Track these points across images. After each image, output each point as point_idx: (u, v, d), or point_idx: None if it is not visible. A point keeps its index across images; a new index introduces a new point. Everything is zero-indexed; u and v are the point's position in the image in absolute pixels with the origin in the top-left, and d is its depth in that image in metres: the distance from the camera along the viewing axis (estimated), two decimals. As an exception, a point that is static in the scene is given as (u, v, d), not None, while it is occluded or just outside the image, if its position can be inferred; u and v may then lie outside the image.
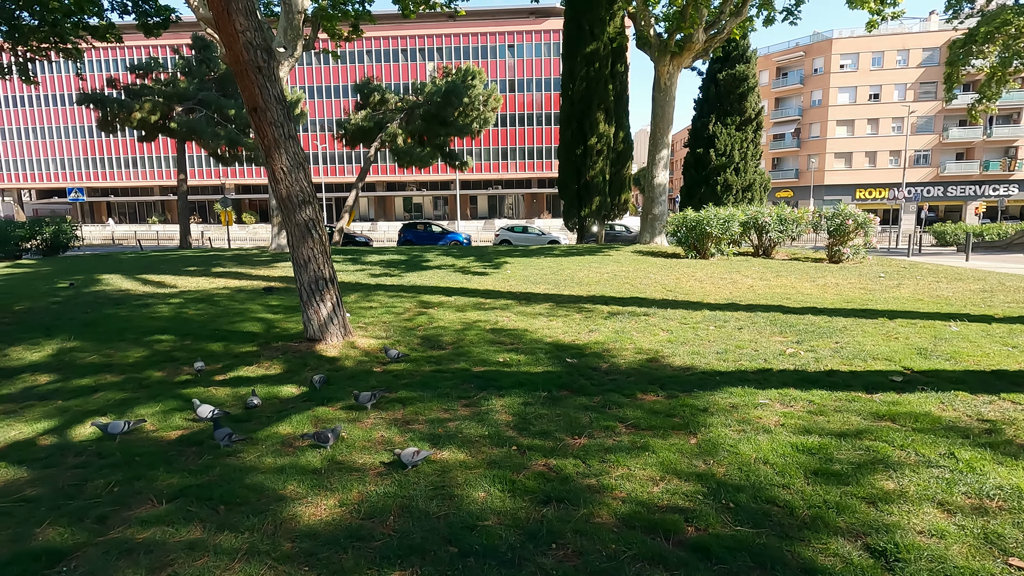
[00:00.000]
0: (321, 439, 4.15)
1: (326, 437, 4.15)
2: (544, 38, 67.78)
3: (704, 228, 15.92)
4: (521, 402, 5.07)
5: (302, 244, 6.87)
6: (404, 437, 4.41)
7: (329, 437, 4.15)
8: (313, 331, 7.13)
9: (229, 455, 4.13)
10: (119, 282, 13.71)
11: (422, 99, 33.05)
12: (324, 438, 4.15)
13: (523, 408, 4.93)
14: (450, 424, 4.62)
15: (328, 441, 4.15)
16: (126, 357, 7.29)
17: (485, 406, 5.00)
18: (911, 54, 59.21)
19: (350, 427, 4.59)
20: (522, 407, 4.95)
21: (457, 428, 4.52)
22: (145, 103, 31.28)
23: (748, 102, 28.05)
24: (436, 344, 7.36)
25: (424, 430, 4.54)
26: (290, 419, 4.79)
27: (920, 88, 59.11)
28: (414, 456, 3.80)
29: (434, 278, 13.27)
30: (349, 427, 4.59)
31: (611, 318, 8.49)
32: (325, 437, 4.15)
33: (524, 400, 5.11)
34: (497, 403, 5.06)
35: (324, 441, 4.15)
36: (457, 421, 4.68)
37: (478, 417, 4.75)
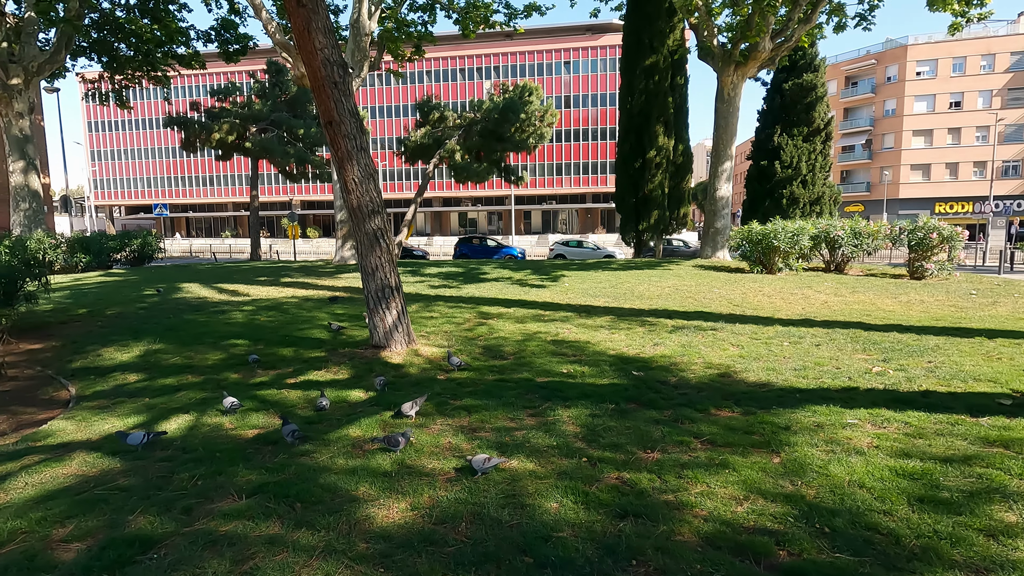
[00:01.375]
0: (391, 443, 4.18)
1: (396, 441, 4.17)
2: (600, 54, 67.89)
3: (771, 242, 15.25)
4: (588, 413, 4.94)
5: (370, 253, 7.04)
6: (471, 444, 4.37)
7: (399, 441, 4.17)
8: (378, 338, 7.27)
9: (302, 455, 4.22)
10: (198, 290, 14.55)
11: (480, 116, 33.66)
12: (394, 442, 4.17)
13: (591, 420, 4.80)
14: (517, 433, 4.55)
15: (398, 445, 4.17)
16: (205, 359, 7.68)
17: (551, 416, 4.90)
18: (997, 58, 55.25)
19: (418, 432, 4.61)
20: (590, 419, 4.82)
21: (524, 437, 4.45)
22: (223, 124, 33.45)
23: (816, 112, 26.88)
24: (498, 354, 7.34)
25: (491, 438, 4.49)
26: (359, 422, 4.86)
27: (1008, 94, 54.94)
28: (485, 463, 3.76)
29: (492, 290, 13.33)
30: (417, 432, 4.60)
31: (676, 332, 8.23)
32: (395, 441, 4.17)
33: (591, 412, 4.98)
34: (563, 414, 4.95)
35: (394, 445, 4.17)
36: (524, 430, 4.61)
37: (545, 427, 4.66)
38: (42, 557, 2.94)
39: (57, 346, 9.16)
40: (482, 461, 3.76)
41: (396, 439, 4.18)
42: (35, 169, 21.14)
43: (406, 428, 4.48)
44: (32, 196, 21.07)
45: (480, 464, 3.75)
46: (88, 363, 7.96)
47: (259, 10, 18.35)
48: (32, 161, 20.92)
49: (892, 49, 58.49)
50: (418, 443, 4.39)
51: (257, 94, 35.99)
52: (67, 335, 9.75)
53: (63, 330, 10.25)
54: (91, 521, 3.31)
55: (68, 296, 13.79)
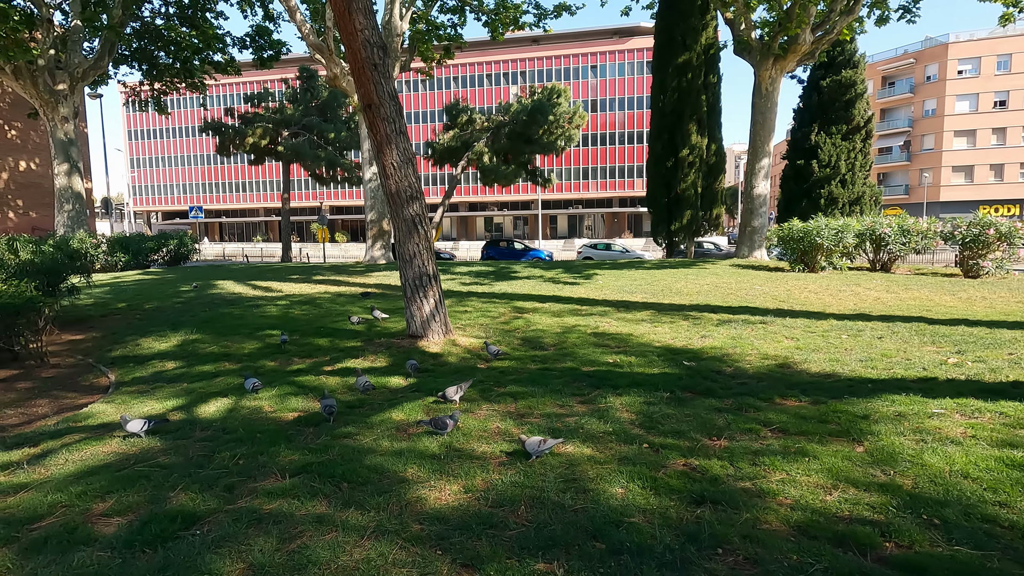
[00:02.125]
0: (439, 426, 3.96)
1: (444, 424, 3.95)
2: (628, 57, 67.40)
3: (813, 239, 14.66)
4: (642, 401, 4.64)
5: (408, 240, 6.88)
6: (521, 429, 4.12)
7: (447, 424, 3.95)
8: (415, 327, 7.09)
9: (345, 436, 4.03)
10: (232, 287, 14.67)
11: (508, 118, 33.63)
12: (442, 425, 3.95)
13: (646, 407, 4.50)
14: (568, 419, 4.28)
15: (446, 428, 3.95)
16: (241, 348, 7.62)
17: (603, 404, 4.62)
18: (1046, 55, 53.07)
19: (464, 417, 4.37)
20: (644, 406, 4.52)
21: (577, 423, 4.18)
22: (256, 129, 34.14)
23: (856, 109, 25.99)
24: (537, 345, 7.08)
25: (541, 423, 4.23)
26: (402, 406, 4.66)
27: (1058, 93, 52.68)
28: (540, 445, 3.50)
29: (524, 287, 13.09)
30: (463, 417, 4.37)
31: (723, 325, 7.84)
32: (443, 424, 3.95)
33: (645, 399, 4.68)
34: (615, 401, 4.67)
35: (442, 428, 3.95)
36: (575, 417, 4.34)
37: (597, 414, 4.38)
38: (82, 530, 2.79)
39: (98, 337, 9.25)
40: (536, 444, 3.51)
41: (444, 421, 3.96)
42: (78, 172, 21.76)
43: (453, 411, 4.24)
44: (75, 198, 21.68)
45: (535, 447, 3.49)
46: (127, 352, 7.99)
47: (293, 12, 18.59)
48: (76, 164, 21.54)
49: (932, 47, 56.58)
50: (465, 427, 4.16)
51: (289, 99, 36.64)
52: (107, 327, 9.85)
53: (103, 322, 10.37)
54: (132, 496, 3.16)
55: (108, 292, 14.04)
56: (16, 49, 18.55)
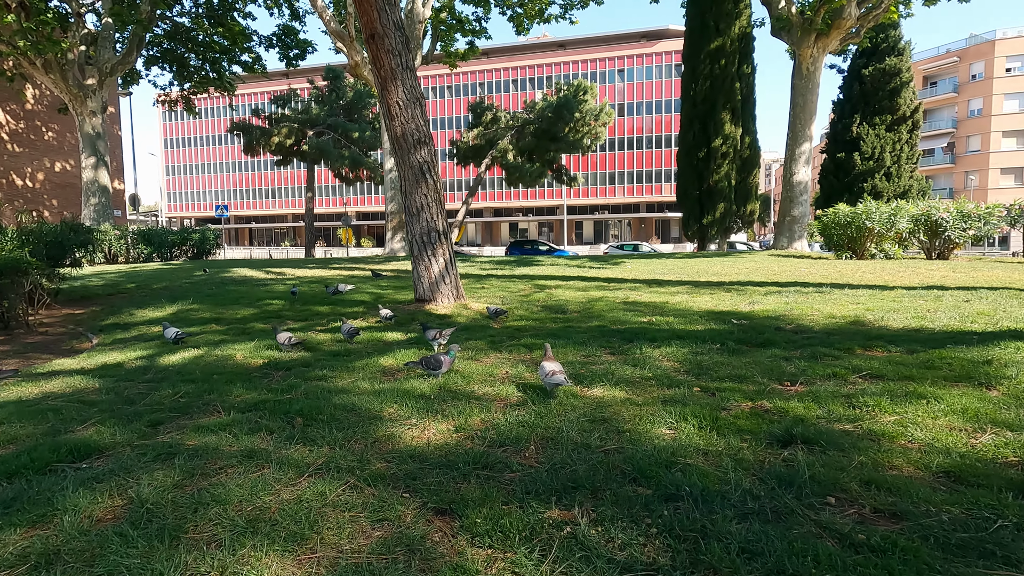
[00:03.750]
0: (430, 365, 3.15)
1: (436, 363, 3.14)
2: (656, 60, 66.35)
3: (862, 223, 13.48)
4: (688, 351, 3.75)
5: (415, 190, 6.13)
6: (535, 375, 3.29)
7: (441, 362, 3.13)
8: (423, 290, 6.32)
9: (319, 379, 3.26)
10: (245, 272, 14.22)
11: (533, 116, 33.01)
12: (434, 364, 3.14)
13: (692, 356, 3.62)
14: (595, 367, 3.43)
15: (438, 368, 3.14)
16: (235, 314, 6.99)
17: (638, 354, 3.75)
18: (1102, 51, 50.25)
19: (467, 364, 3.56)
20: (691, 356, 3.64)
21: (606, 370, 3.32)
22: (282, 129, 34.26)
23: (902, 98, 24.53)
24: (559, 310, 6.24)
25: (565, 370, 3.39)
26: (393, 354, 3.88)
27: (1116, 90, 49.69)
28: (549, 377, 2.66)
29: (547, 271, 12.26)
30: (467, 364, 3.56)
31: (771, 295, 6.86)
32: (435, 363, 3.14)
33: (691, 350, 3.79)
34: (653, 352, 3.79)
35: (433, 368, 3.14)
36: (603, 364, 3.48)
37: (631, 362, 3.52)
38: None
39: (97, 311, 8.77)
40: (548, 374, 2.67)
41: (437, 360, 3.15)
42: (105, 166, 21.85)
43: (449, 348, 3.41)
44: (101, 191, 21.76)
45: (547, 376, 2.66)
46: (120, 320, 7.45)
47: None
48: (102, 158, 21.63)
49: (977, 45, 54.11)
50: (466, 371, 3.34)
51: (315, 100, 36.77)
52: (110, 303, 9.38)
53: (109, 300, 9.90)
54: (27, 428, 2.44)
55: (122, 276, 13.73)
56: (46, 43, 18.73)
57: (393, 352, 3.89)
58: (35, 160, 31.27)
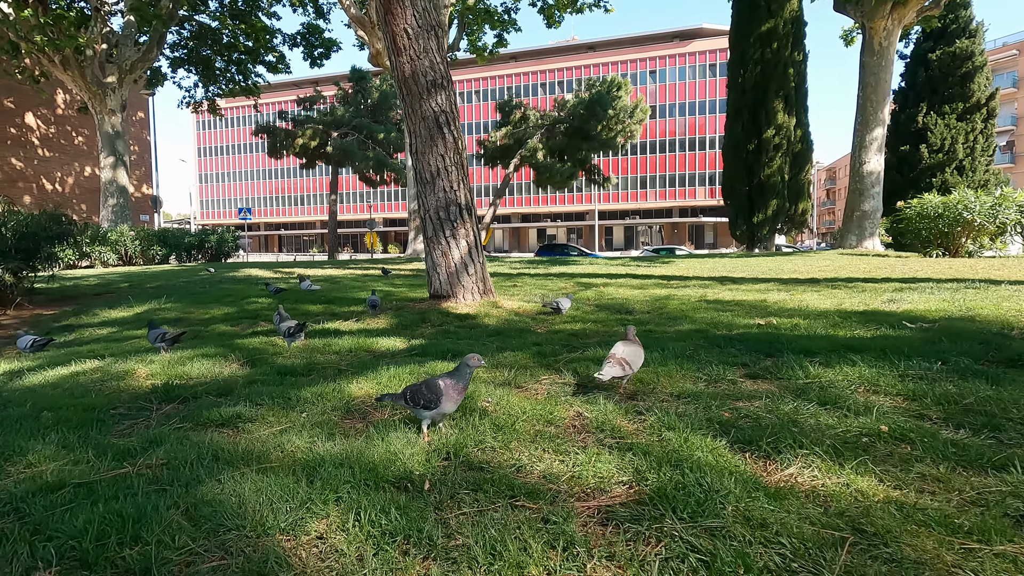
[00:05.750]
0: (422, 401, 1.57)
1: (434, 395, 1.56)
2: (688, 60, 64.20)
3: (960, 215, 11.46)
4: (896, 374, 2.09)
5: (429, 149, 4.61)
6: (640, 425, 1.68)
7: (439, 394, 1.55)
8: (439, 282, 4.78)
9: (223, 424, 1.72)
10: (254, 272, 13.00)
11: (564, 114, 31.46)
12: (428, 398, 1.56)
13: (920, 386, 1.95)
14: (744, 404, 1.81)
15: (437, 404, 1.56)
16: (206, 314, 5.59)
17: (801, 377, 2.11)
18: None
19: (505, 396, 1.97)
20: (915, 384, 1.98)
21: (777, 415, 1.69)
22: (307, 130, 33.51)
23: (975, 84, 22.06)
24: (623, 310, 4.61)
25: (689, 412, 1.77)
26: (375, 374, 2.32)
27: None
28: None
29: (586, 270, 10.62)
30: (502, 395, 1.97)
31: (908, 292, 5.07)
32: (431, 396, 1.56)
33: (899, 372, 2.13)
34: (828, 374, 2.14)
35: (429, 404, 1.56)
36: (758, 402, 1.85)
37: (808, 396, 1.88)
38: None
39: (68, 311, 7.53)
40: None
41: (434, 391, 1.57)
42: (124, 166, 21.17)
43: (465, 362, 1.81)
44: (120, 192, 21.08)
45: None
46: (76, 322, 6.14)
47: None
48: (121, 157, 20.94)
49: (1039, 37, 50.64)
50: (501, 413, 1.75)
51: (340, 100, 36.00)
52: (88, 304, 8.13)
53: (90, 301, 8.67)
54: None
55: (122, 276, 12.65)
56: (63, 38, 18.15)
57: (376, 371, 2.32)
58: (65, 164, 31.10)
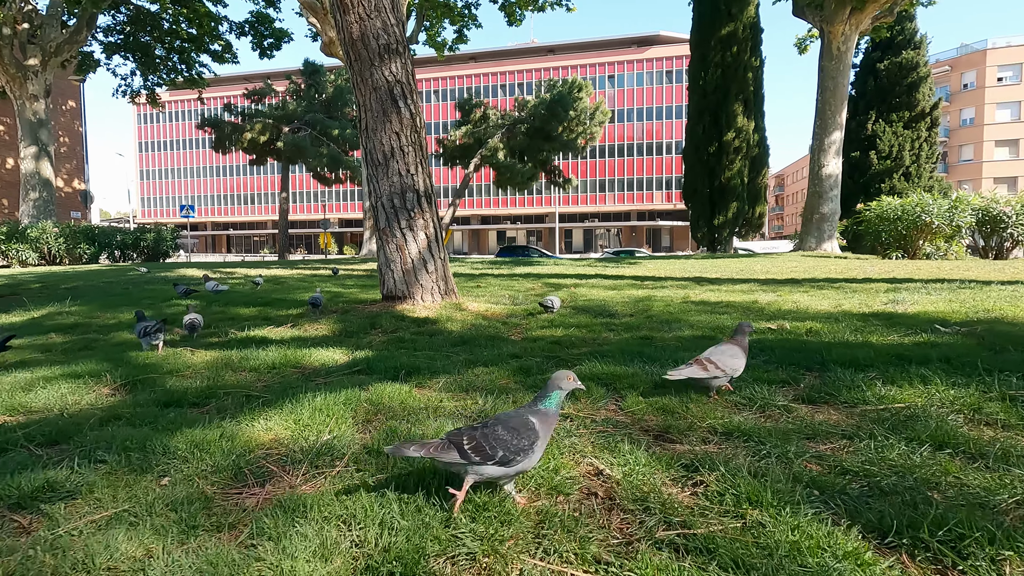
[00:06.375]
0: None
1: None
2: (648, 66, 65.14)
3: (918, 218, 11.57)
4: (978, 394, 1.60)
5: (382, 125, 3.94)
6: (701, 495, 1.10)
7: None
8: (394, 281, 4.11)
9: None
10: (192, 272, 11.89)
11: (525, 114, 31.01)
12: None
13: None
14: (827, 449, 1.26)
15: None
16: (112, 319, 4.73)
17: (869, 399, 1.59)
18: (1093, 61, 50.06)
19: None
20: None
21: (891, 468, 1.15)
22: (256, 124, 31.83)
23: (920, 93, 22.96)
24: (604, 313, 4.06)
25: (763, 465, 1.20)
26: (293, 406, 1.66)
27: (1107, 99, 49.38)
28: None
29: (553, 270, 10.11)
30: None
31: (905, 292, 4.74)
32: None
33: (982, 391, 1.64)
34: (919, 396, 1.63)
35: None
36: (841, 441, 1.30)
37: (894, 429, 1.35)
38: None
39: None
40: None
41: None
42: (48, 156, 19.34)
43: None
44: (43, 185, 19.25)
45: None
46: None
47: (283, -35, 16.15)
48: (45, 148, 19.12)
49: (968, 54, 53.79)
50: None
51: (292, 94, 34.43)
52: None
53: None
54: None
55: (35, 277, 11.29)
56: (-27, 15, 16.34)
57: (298, 399, 1.65)
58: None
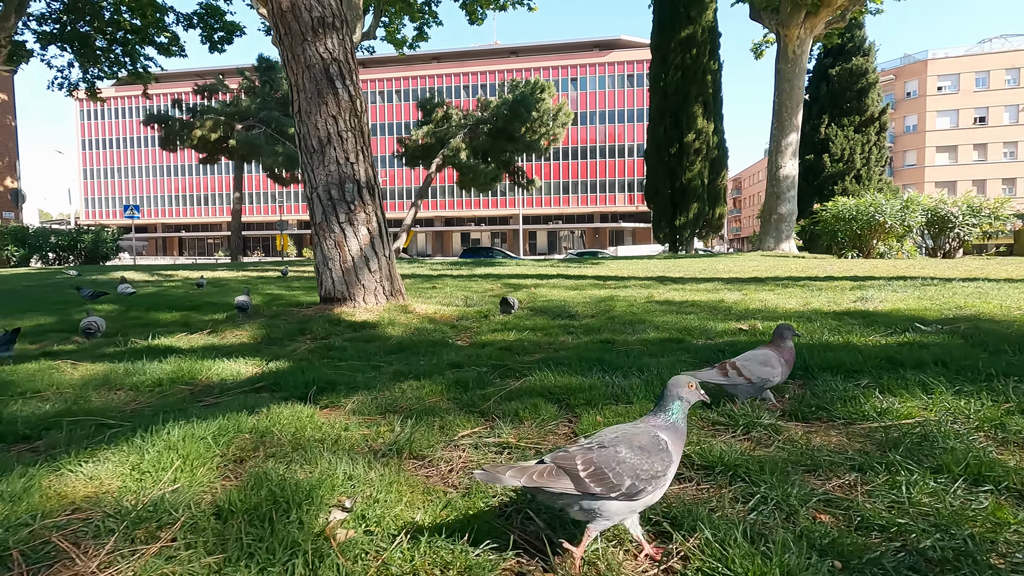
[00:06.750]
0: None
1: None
2: (609, 70, 65.82)
3: (872, 218, 11.79)
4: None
5: (316, 108, 3.53)
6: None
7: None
8: (332, 282, 3.70)
9: None
10: (133, 275, 11.05)
11: (487, 114, 30.69)
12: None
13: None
14: (834, 488, 0.96)
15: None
16: (9, 326, 4.14)
17: (886, 419, 1.31)
18: (1022, 72, 53.14)
19: (400, 491, 1.01)
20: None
21: (924, 517, 0.85)
22: (207, 121, 30.46)
23: (869, 98, 23.79)
24: (563, 314, 3.75)
25: (756, 520, 0.89)
26: (154, 438, 1.27)
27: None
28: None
29: (516, 270, 9.80)
30: (393, 490, 1.00)
31: (871, 290, 4.61)
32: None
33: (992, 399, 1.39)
34: (925, 408, 1.36)
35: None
36: (850, 474, 1.01)
37: (910, 453, 1.07)
38: None
39: None
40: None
41: None
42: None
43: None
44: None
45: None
46: None
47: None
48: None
49: (911, 64, 56.40)
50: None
51: (246, 91, 33.11)
52: None
53: None
54: None
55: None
56: None
57: (162, 430, 1.26)
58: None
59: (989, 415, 1.27)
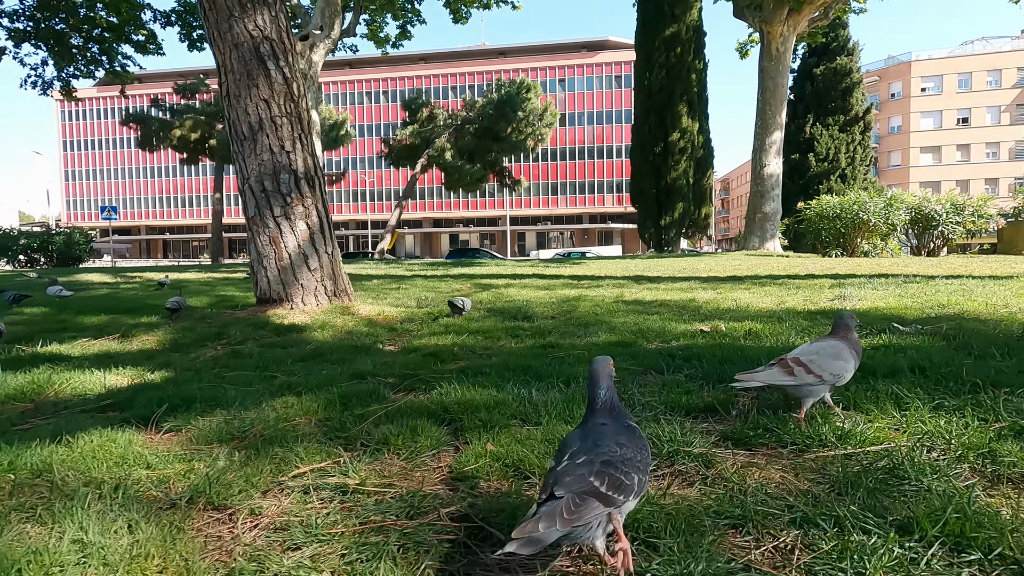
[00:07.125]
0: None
1: None
2: (597, 71, 65.79)
3: (856, 216, 11.64)
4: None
5: (246, 91, 3.22)
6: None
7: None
8: (267, 281, 3.39)
9: None
10: (95, 277, 10.63)
11: (473, 114, 30.42)
12: None
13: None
14: (764, 558, 0.68)
15: None
16: None
17: (847, 445, 1.04)
18: (1004, 74, 53.72)
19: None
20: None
21: None
22: (186, 121, 29.96)
23: (853, 98, 23.79)
24: (520, 315, 3.47)
25: None
26: None
27: (1016, 110, 53.10)
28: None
29: (493, 270, 9.51)
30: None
31: (851, 288, 4.37)
32: None
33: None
34: (894, 430, 1.10)
35: None
36: (789, 533, 0.74)
37: (873, 493, 0.80)
38: None
39: None
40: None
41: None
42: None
43: None
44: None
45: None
46: None
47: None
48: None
49: (895, 66, 56.85)
50: None
51: (227, 91, 32.61)
52: None
53: None
54: None
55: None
56: None
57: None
58: None
59: (975, 440, 1.01)
